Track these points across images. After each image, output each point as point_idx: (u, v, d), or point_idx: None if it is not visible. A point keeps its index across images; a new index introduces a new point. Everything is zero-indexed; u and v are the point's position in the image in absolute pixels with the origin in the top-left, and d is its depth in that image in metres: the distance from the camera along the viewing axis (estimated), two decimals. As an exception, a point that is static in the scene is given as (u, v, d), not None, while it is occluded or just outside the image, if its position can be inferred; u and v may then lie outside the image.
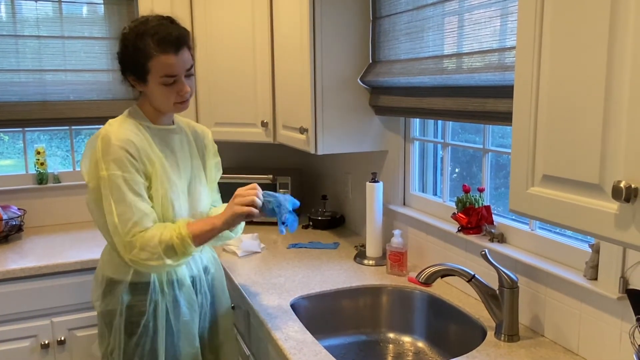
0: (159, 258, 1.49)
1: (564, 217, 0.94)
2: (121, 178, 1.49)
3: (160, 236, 1.50)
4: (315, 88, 2.08)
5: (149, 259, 1.49)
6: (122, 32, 1.59)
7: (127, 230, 1.49)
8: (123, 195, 1.49)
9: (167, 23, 1.57)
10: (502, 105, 1.46)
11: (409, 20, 1.88)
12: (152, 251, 1.48)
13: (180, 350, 1.66)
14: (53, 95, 2.68)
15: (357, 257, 2.20)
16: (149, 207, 1.54)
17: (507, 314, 1.51)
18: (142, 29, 1.53)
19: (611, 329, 1.31)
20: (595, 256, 1.35)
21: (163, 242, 1.49)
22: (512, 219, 1.73)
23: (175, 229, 1.52)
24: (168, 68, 1.53)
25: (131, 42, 1.53)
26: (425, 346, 1.83)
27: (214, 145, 1.84)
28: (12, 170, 2.79)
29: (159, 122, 1.66)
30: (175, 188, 1.62)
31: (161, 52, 1.52)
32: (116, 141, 1.51)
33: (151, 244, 1.48)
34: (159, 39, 1.51)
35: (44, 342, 2.21)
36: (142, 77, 1.55)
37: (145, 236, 1.49)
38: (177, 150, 1.68)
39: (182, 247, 1.51)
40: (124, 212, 1.49)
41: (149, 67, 1.53)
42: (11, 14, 2.60)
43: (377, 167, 2.32)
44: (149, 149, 1.57)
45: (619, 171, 0.82)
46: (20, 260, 2.24)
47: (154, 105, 1.62)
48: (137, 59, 1.53)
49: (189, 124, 1.81)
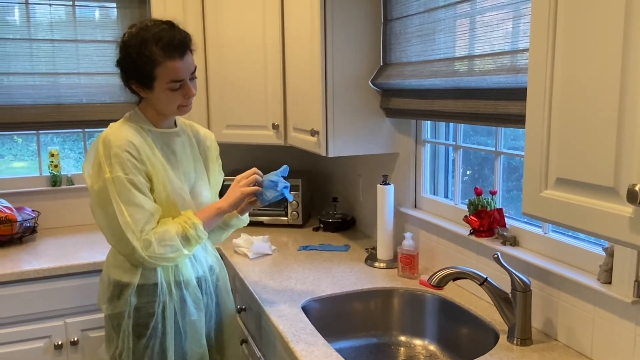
0: (177, 249, 1.56)
1: (578, 220, 0.93)
2: (126, 179, 1.51)
3: (174, 229, 1.56)
4: (327, 90, 2.08)
5: (167, 252, 1.54)
6: (121, 39, 1.57)
7: (140, 229, 1.51)
8: (131, 196, 1.51)
9: (168, 28, 1.55)
10: (514, 108, 1.46)
11: (420, 23, 1.87)
12: (170, 244, 1.54)
13: (188, 350, 1.67)
14: (66, 98, 2.70)
15: (368, 260, 2.20)
16: (156, 205, 1.57)
17: (520, 317, 1.50)
18: (144, 36, 1.52)
19: (625, 333, 1.30)
20: (609, 260, 1.34)
21: (179, 233, 1.56)
22: (525, 222, 1.72)
23: (186, 220, 1.58)
24: (174, 73, 1.54)
25: (135, 50, 1.53)
26: (437, 349, 1.82)
27: (217, 148, 1.85)
28: (25, 173, 2.82)
29: (161, 125, 1.67)
30: (178, 190, 1.63)
31: (167, 58, 1.52)
32: (117, 143, 1.52)
33: (168, 238, 1.54)
34: (164, 45, 1.51)
35: (57, 343, 2.23)
36: (147, 83, 1.56)
37: (158, 232, 1.54)
38: (180, 153, 1.69)
39: (196, 235, 1.58)
40: (134, 213, 1.51)
41: (156, 74, 1.53)
42: (25, 18, 2.63)
43: (388, 170, 2.32)
44: (150, 151, 1.58)
45: (634, 174, 0.81)
46: (34, 261, 2.26)
47: (157, 109, 1.62)
48: (143, 66, 1.53)
49: (192, 126, 1.81)
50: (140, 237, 1.51)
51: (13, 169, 2.86)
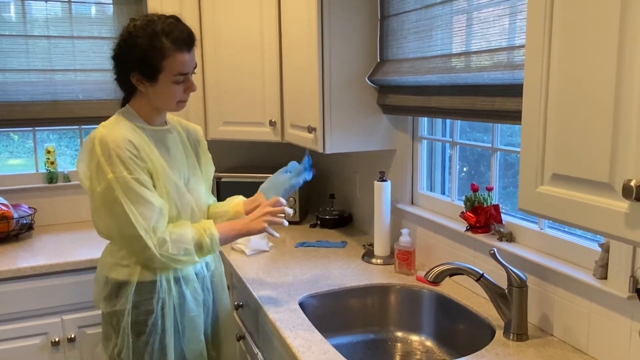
0: (189, 254, 1.57)
1: (574, 215, 0.93)
2: (130, 178, 1.50)
3: (192, 234, 1.57)
4: (324, 87, 2.08)
5: (179, 254, 1.55)
6: (127, 31, 1.55)
7: (152, 227, 1.51)
8: (138, 194, 1.50)
9: (175, 22, 1.56)
10: (510, 104, 1.46)
11: (417, 19, 1.87)
12: (184, 247, 1.55)
13: (186, 346, 1.67)
14: (63, 94, 2.70)
15: (365, 256, 2.20)
16: (162, 200, 1.57)
17: (516, 313, 1.51)
18: (154, 28, 1.52)
19: (621, 328, 1.31)
20: (605, 255, 1.35)
21: (194, 239, 1.57)
22: (521, 217, 1.72)
23: (205, 229, 1.60)
24: (181, 66, 1.55)
25: (144, 41, 1.51)
26: (434, 345, 1.83)
27: (205, 141, 1.86)
28: (22, 169, 2.81)
29: (154, 122, 1.65)
30: (176, 187, 1.62)
31: (176, 50, 1.53)
32: (115, 142, 1.50)
33: (184, 241, 1.55)
34: (174, 38, 1.52)
35: (54, 340, 2.23)
36: (152, 76, 1.54)
37: (175, 232, 1.55)
38: (173, 150, 1.68)
39: (210, 246, 1.60)
40: (144, 210, 1.51)
41: (163, 66, 1.53)
42: (21, 14, 2.62)
43: (385, 166, 2.32)
44: (148, 149, 1.57)
45: (629, 170, 0.82)
46: (30, 258, 2.26)
47: (155, 104, 1.61)
48: (152, 57, 1.52)
49: (180, 122, 1.80)
50: (155, 235, 1.51)
51: (9, 166, 2.86)
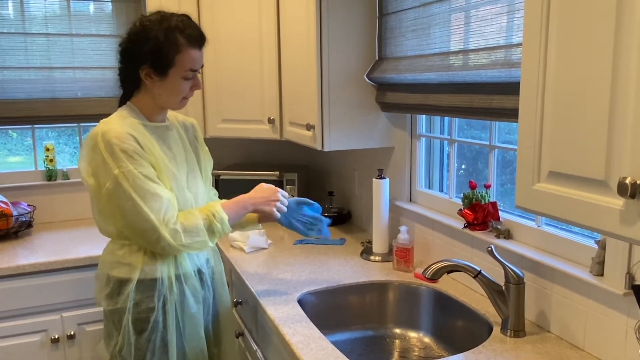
0: (203, 241, 1.60)
1: (570, 213, 0.94)
2: (137, 172, 1.50)
3: (201, 222, 1.59)
4: (322, 85, 2.09)
5: (194, 243, 1.58)
6: (141, 24, 1.56)
7: (164, 219, 1.52)
8: (146, 187, 1.51)
9: (188, 20, 1.60)
10: (508, 102, 1.47)
11: (415, 17, 1.88)
12: (197, 235, 1.58)
13: (187, 343, 1.68)
14: (61, 92, 2.70)
15: (363, 253, 2.21)
16: (170, 192, 1.58)
17: (513, 309, 1.52)
18: (169, 24, 1.55)
19: (617, 325, 1.32)
20: (601, 252, 1.36)
21: (205, 225, 1.60)
22: (518, 215, 1.73)
23: (214, 213, 1.62)
24: (193, 62, 1.58)
25: (160, 34, 1.53)
26: (432, 341, 1.84)
27: (201, 134, 1.88)
28: (21, 167, 2.82)
29: (155, 119, 1.67)
30: (178, 183, 1.63)
31: (190, 47, 1.56)
32: (119, 138, 1.51)
33: (195, 230, 1.58)
34: (189, 34, 1.56)
35: (54, 337, 2.24)
36: (163, 70, 1.56)
37: (186, 222, 1.57)
38: (174, 146, 1.69)
39: (221, 229, 1.62)
40: (153, 203, 1.51)
41: (175, 61, 1.55)
42: (20, 11, 2.62)
43: (383, 164, 2.32)
44: (150, 145, 1.58)
45: (625, 167, 0.82)
46: (30, 255, 2.26)
47: (159, 101, 1.62)
48: (167, 51, 1.54)
49: (177, 117, 1.81)
50: (167, 227, 1.52)
51: (8, 164, 2.86)
